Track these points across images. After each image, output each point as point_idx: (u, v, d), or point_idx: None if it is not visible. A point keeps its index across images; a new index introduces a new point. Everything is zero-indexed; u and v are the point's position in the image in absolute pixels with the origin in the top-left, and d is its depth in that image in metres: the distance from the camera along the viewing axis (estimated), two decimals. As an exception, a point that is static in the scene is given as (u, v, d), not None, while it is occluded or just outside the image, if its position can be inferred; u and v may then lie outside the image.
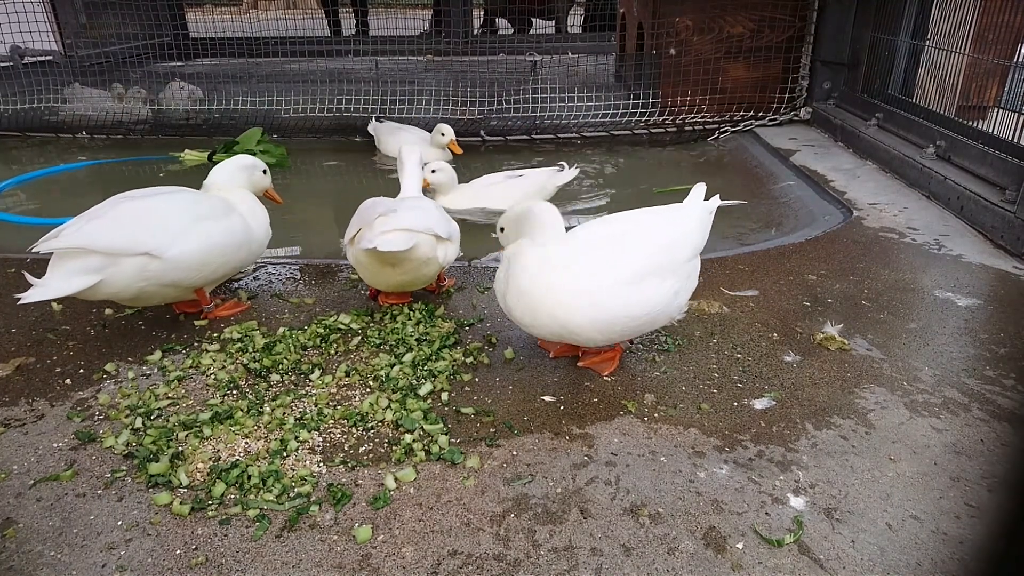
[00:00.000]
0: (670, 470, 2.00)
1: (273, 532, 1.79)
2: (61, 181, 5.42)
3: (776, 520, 1.82)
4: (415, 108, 6.35)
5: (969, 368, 2.49)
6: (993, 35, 4.26)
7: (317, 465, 2.02)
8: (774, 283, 3.17)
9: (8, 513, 1.85)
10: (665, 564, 1.69)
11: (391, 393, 2.35)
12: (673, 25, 6.14)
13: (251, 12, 15.76)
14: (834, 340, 2.64)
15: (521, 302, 2.29)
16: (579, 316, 2.22)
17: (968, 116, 4.48)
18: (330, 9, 11.77)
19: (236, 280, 3.25)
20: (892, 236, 3.70)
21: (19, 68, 7.26)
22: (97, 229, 2.46)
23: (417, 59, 9.46)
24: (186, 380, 2.45)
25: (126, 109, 6.55)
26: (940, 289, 3.08)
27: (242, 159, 3.04)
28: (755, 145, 5.91)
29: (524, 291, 2.27)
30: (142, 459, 2.02)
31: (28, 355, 2.61)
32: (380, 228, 2.61)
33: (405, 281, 2.83)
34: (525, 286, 2.27)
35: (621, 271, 2.23)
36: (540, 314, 2.26)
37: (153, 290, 2.59)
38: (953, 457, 2.04)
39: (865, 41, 5.70)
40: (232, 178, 2.97)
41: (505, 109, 6.38)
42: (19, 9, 7.47)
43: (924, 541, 1.75)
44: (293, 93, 6.47)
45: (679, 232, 2.36)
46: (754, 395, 2.35)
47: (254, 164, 3.05)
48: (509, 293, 2.34)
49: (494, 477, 1.98)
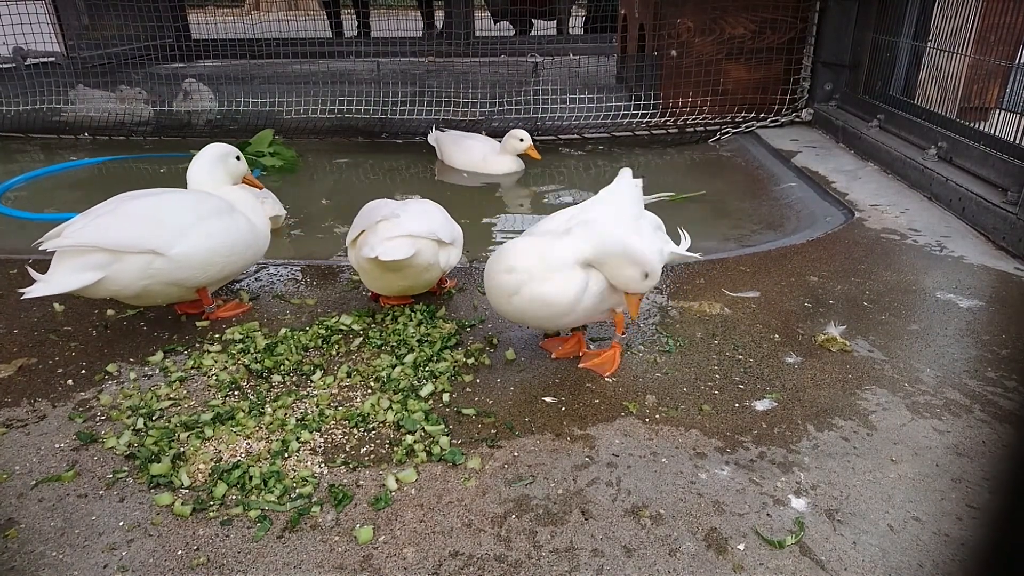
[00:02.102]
0: (671, 471, 2.00)
1: (274, 533, 1.79)
2: (74, 177, 5.49)
3: (777, 521, 1.82)
4: (416, 109, 6.35)
5: (971, 369, 2.48)
6: (995, 36, 4.25)
7: (318, 466, 2.03)
8: (775, 284, 3.17)
9: (10, 514, 1.85)
10: (666, 565, 1.69)
11: (392, 394, 2.35)
12: (674, 26, 6.15)
13: (253, 13, 15.79)
14: (836, 341, 2.63)
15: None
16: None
17: (970, 117, 4.48)
18: (331, 11, 11.78)
19: (238, 281, 3.25)
20: (894, 237, 3.69)
21: (22, 69, 7.27)
22: (102, 226, 2.47)
23: (418, 60, 9.47)
24: (188, 381, 2.46)
25: (128, 110, 6.56)
26: (942, 290, 3.08)
27: (212, 148, 2.94)
28: (756, 146, 5.91)
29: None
30: (144, 460, 2.02)
31: (30, 356, 2.62)
32: (383, 234, 2.60)
33: (406, 286, 2.84)
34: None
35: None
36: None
37: (157, 288, 2.60)
38: (955, 458, 2.04)
39: (866, 42, 5.70)
40: (211, 170, 2.91)
41: (506, 110, 6.38)
42: (22, 11, 7.48)
43: (926, 543, 1.75)
44: (295, 94, 6.47)
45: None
46: (755, 396, 2.35)
47: (226, 151, 2.96)
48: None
49: (495, 478, 1.98)
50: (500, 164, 5.30)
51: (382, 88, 6.45)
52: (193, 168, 2.91)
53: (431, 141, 5.76)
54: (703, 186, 4.79)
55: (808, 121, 6.30)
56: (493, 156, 5.33)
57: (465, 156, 5.42)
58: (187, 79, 6.77)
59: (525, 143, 5.14)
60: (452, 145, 5.51)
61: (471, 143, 5.46)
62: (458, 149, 5.46)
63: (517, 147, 5.18)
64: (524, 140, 5.15)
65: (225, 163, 2.95)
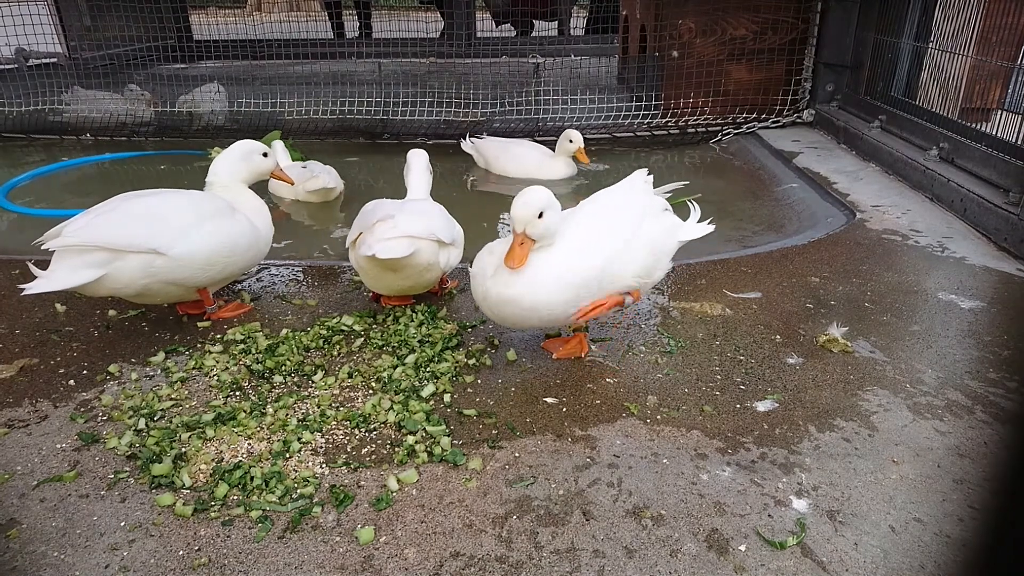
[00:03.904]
0: (672, 472, 2.00)
1: (276, 533, 1.79)
2: (83, 175, 5.56)
3: (779, 522, 1.82)
4: (418, 110, 6.35)
5: (972, 370, 2.48)
6: (997, 37, 4.25)
7: (320, 466, 2.03)
8: (777, 285, 3.17)
9: (12, 514, 1.85)
10: (667, 566, 1.69)
11: (393, 395, 2.35)
12: (676, 27, 6.15)
13: (255, 15, 15.81)
14: (837, 342, 2.63)
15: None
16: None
17: (971, 118, 4.48)
18: (333, 12, 11.79)
19: (239, 282, 3.26)
20: (895, 238, 3.69)
21: (24, 70, 7.28)
22: (103, 225, 2.48)
23: (420, 61, 9.48)
24: (189, 381, 2.46)
25: (130, 111, 6.57)
26: (943, 291, 3.08)
27: (239, 145, 2.96)
28: (758, 147, 5.90)
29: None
30: (145, 460, 2.02)
31: (32, 356, 2.62)
32: (381, 234, 2.60)
33: (407, 286, 2.84)
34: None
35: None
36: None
37: (157, 287, 2.60)
38: (956, 459, 2.04)
39: (868, 43, 5.70)
40: (233, 168, 2.92)
41: (508, 111, 6.38)
42: (24, 11, 7.49)
43: (927, 544, 1.75)
44: (296, 95, 6.48)
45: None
46: (757, 397, 2.35)
47: (252, 149, 2.97)
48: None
49: (496, 479, 1.98)
50: (556, 169, 5.13)
51: (383, 89, 6.45)
52: (217, 163, 2.93)
53: (467, 150, 5.57)
54: (704, 187, 4.78)
55: (809, 122, 6.30)
56: (548, 161, 5.15)
57: (517, 164, 5.23)
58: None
59: (575, 144, 4.96)
60: (501, 153, 5.32)
61: (523, 150, 5.29)
62: (509, 157, 5.27)
63: (568, 149, 5.01)
64: (574, 141, 4.96)
65: (249, 160, 2.96)
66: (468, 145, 5.60)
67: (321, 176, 4.54)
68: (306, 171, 4.65)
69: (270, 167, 3.04)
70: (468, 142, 5.62)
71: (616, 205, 2.51)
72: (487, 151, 5.41)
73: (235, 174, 2.93)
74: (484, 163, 5.47)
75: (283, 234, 4.09)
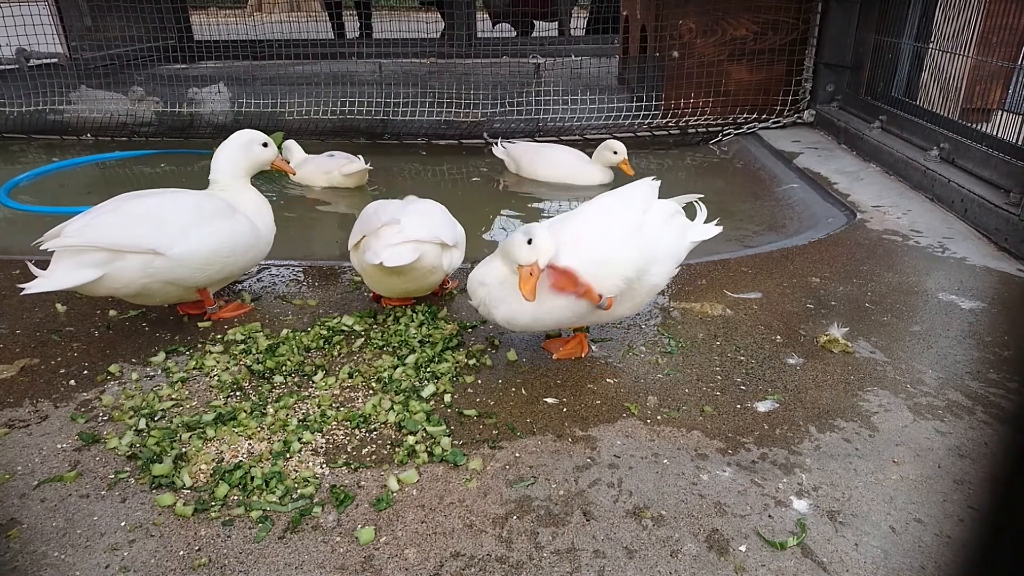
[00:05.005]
0: (673, 472, 2.00)
1: (276, 533, 1.80)
2: (88, 174, 5.58)
3: (779, 523, 1.82)
4: (418, 111, 6.36)
5: (973, 371, 2.48)
6: (997, 37, 4.25)
7: (320, 467, 2.03)
8: (777, 285, 3.17)
9: (12, 514, 1.85)
10: (668, 567, 1.69)
11: (394, 395, 2.35)
12: (676, 28, 6.15)
13: (255, 15, 15.81)
14: (837, 343, 2.63)
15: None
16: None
17: (972, 119, 4.48)
18: (334, 12, 11.79)
19: (240, 282, 3.26)
20: (896, 239, 3.69)
21: (25, 71, 7.29)
22: (102, 225, 2.48)
23: (420, 61, 9.48)
24: (189, 381, 2.46)
25: (131, 111, 6.57)
26: (944, 292, 3.08)
27: (237, 136, 2.93)
28: (758, 147, 5.90)
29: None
30: (145, 460, 2.03)
31: (32, 356, 2.62)
32: (386, 239, 2.59)
33: (410, 289, 2.84)
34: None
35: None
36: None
37: (157, 287, 2.61)
38: (956, 460, 2.04)
39: (868, 43, 5.70)
40: (234, 158, 2.90)
41: (508, 112, 6.39)
42: (25, 12, 7.50)
43: (927, 544, 1.75)
44: (297, 95, 6.49)
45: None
46: (757, 397, 2.35)
47: (251, 138, 2.94)
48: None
49: (497, 479, 1.98)
50: (592, 175, 5.08)
51: (384, 89, 6.46)
52: (218, 154, 2.92)
53: (499, 154, 5.52)
54: (705, 187, 4.78)
55: (810, 122, 6.30)
56: (584, 166, 5.11)
57: (552, 168, 5.20)
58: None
59: (619, 156, 4.86)
60: (535, 157, 5.28)
61: (557, 155, 5.25)
62: (543, 161, 5.23)
63: (610, 159, 4.92)
64: (618, 153, 4.86)
65: (249, 151, 2.93)
66: (500, 150, 5.55)
67: (359, 159, 4.74)
68: (334, 159, 4.75)
69: (270, 157, 3.02)
70: (500, 146, 5.57)
71: (609, 209, 2.50)
72: (519, 155, 5.37)
73: (236, 165, 2.90)
74: (515, 167, 5.41)
75: (287, 232, 4.09)
